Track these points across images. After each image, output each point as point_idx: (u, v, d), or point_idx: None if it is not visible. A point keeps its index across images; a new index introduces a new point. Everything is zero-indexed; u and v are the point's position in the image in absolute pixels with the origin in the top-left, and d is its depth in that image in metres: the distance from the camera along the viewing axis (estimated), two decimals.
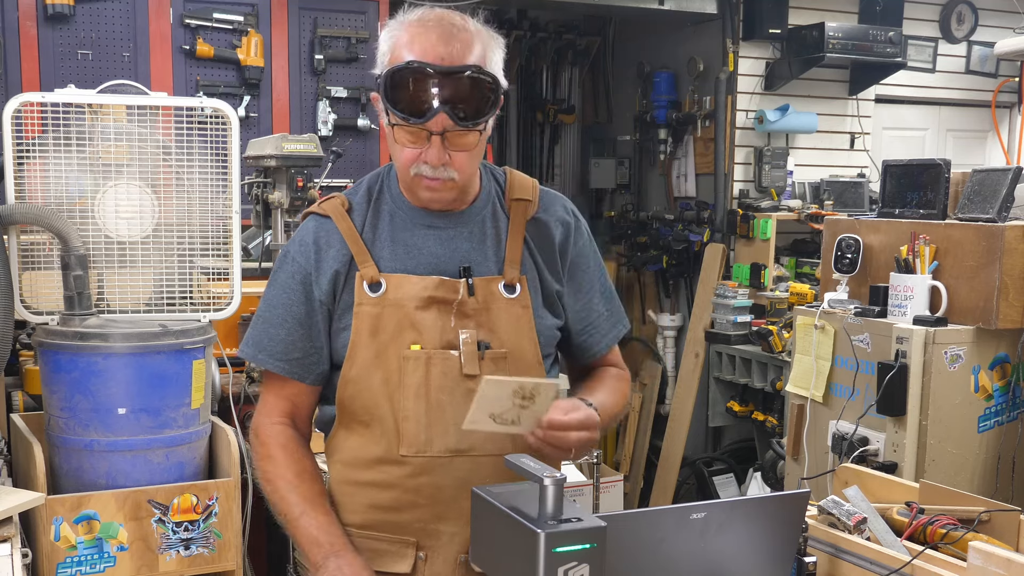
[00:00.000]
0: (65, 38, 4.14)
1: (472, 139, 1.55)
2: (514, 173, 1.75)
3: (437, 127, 1.52)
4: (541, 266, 1.70)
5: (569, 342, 1.78)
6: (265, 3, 4.43)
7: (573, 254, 1.74)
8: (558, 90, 6.34)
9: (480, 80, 1.51)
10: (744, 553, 1.53)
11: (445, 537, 1.66)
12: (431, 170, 1.56)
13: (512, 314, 1.66)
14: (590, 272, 1.77)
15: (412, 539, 1.66)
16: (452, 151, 1.55)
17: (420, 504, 1.65)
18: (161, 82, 4.22)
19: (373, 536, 1.67)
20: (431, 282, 1.62)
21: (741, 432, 5.21)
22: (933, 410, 2.87)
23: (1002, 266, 2.81)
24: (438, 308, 1.62)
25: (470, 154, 1.58)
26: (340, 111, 4.58)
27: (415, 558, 1.66)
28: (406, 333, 1.62)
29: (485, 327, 1.64)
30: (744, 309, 4.85)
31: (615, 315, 1.81)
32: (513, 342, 1.65)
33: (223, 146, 2.80)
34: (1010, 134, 5.96)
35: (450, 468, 1.63)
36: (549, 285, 1.70)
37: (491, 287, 1.65)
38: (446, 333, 1.62)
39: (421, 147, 1.54)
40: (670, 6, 5.03)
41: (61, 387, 2.59)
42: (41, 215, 2.65)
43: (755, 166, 5.17)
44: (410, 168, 1.57)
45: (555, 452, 1.53)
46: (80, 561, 2.51)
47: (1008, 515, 1.78)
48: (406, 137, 1.55)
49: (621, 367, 1.86)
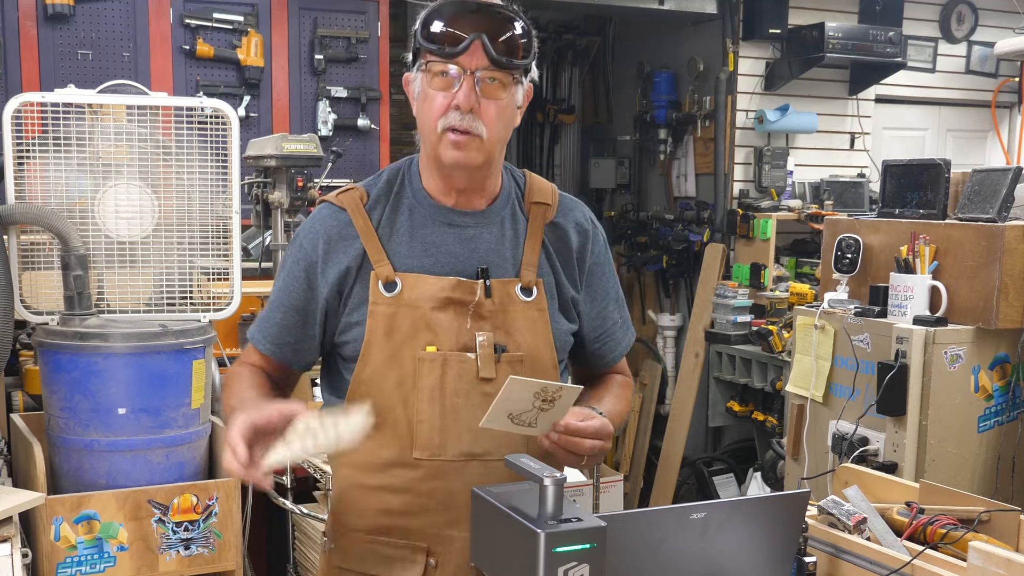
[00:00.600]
0: (65, 38, 4.14)
1: (503, 91, 1.54)
2: (534, 176, 1.73)
3: (471, 63, 1.51)
4: (558, 270, 1.68)
5: (583, 349, 1.76)
6: (265, 3, 4.43)
7: (591, 262, 1.72)
8: (558, 90, 6.33)
9: (516, 20, 1.54)
10: (744, 553, 1.53)
11: (457, 543, 1.63)
12: (459, 117, 1.52)
13: (529, 317, 1.63)
14: (606, 280, 1.76)
15: (423, 545, 1.63)
16: (482, 99, 1.53)
17: (432, 509, 1.62)
18: (161, 82, 4.22)
19: (383, 542, 1.65)
20: (448, 283, 1.60)
21: (741, 432, 5.21)
22: (933, 410, 2.87)
23: (1002, 266, 2.81)
24: (455, 309, 1.60)
25: (499, 111, 1.55)
26: (340, 111, 4.58)
27: (426, 564, 1.63)
28: (421, 334, 1.59)
29: (502, 330, 1.61)
30: (744, 309, 4.85)
31: (626, 323, 1.80)
32: (530, 345, 1.63)
33: (223, 146, 2.81)
34: (1010, 134, 5.96)
35: (463, 472, 1.61)
36: (565, 290, 1.69)
37: (508, 289, 1.63)
38: (462, 335, 1.60)
39: (451, 94, 1.53)
40: (670, 6, 5.03)
41: (61, 387, 2.60)
42: (41, 215, 2.65)
43: (755, 166, 5.17)
44: (439, 122, 1.54)
45: (568, 457, 1.52)
46: (80, 561, 2.52)
47: (1008, 515, 1.78)
48: (438, 82, 1.53)
49: (626, 374, 1.85)
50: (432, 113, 1.55)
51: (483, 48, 1.50)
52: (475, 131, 1.53)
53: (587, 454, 1.52)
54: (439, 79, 1.53)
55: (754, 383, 4.66)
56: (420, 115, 1.59)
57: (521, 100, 1.60)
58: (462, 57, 1.50)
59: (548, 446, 1.51)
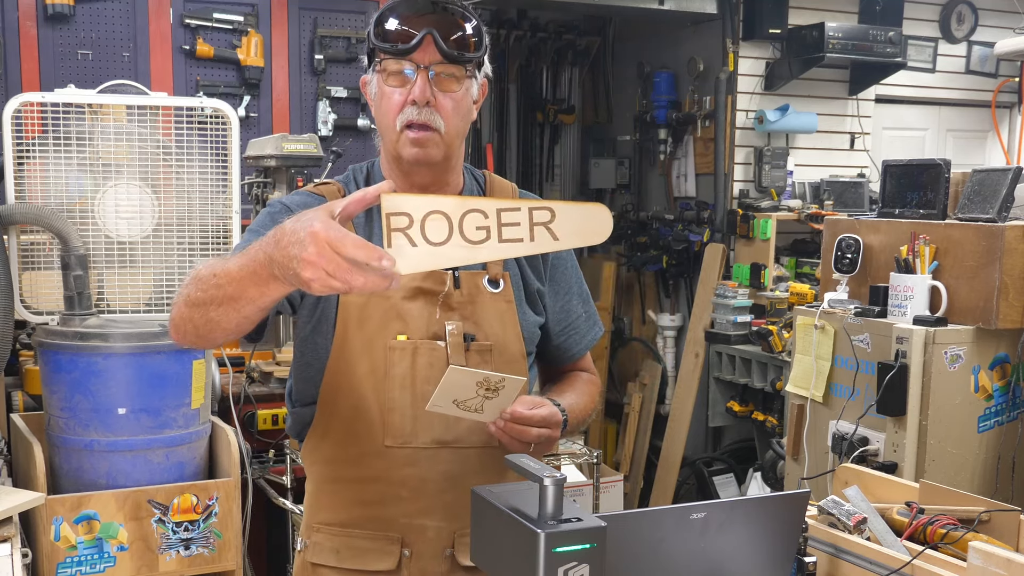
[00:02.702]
0: (65, 38, 4.14)
1: (456, 84, 1.58)
2: (494, 176, 1.79)
3: (424, 58, 1.54)
4: (523, 263, 1.72)
5: (548, 343, 1.79)
6: (265, 3, 4.43)
7: (553, 255, 1.77)
8: (558, 90, 6.33)
9: (466, 17, 1.58)
10: (744, 553, 1.53)
11: (431, 532, 1.65)
12: (416, 112, 1.55)
13: (496, 308, 1.67)
14: (568, 273, 1.80)
15: (397, 535, 1.65)
16: (438, 93, 1.56)
17: (404, 497, 1.64)
18: (161, 82, 4.22)
19: (357, 534, 1.66)
20: (419, 273, 1.62)
21: (741, 432, 5.21)
22: (933, 410, 2.87)
23: (1002, 266, 2.81)
24: (425, 299, 1.63)
25: (455, 104, 1.58)
26: (340, 111, 4.58)
27: (400, 555, 1.65)
28: (392, 324, 1.62)
29: (470, 320, 1.65)
30: (744, 309, 4.85)
31: (592, 318, 1.84)
32: (498, 335, 1.67)
33: (223, 146, 2.81)
34: (1010, 134, 5.96)
35: (435, 460, 1.64)
36: (531, 283, 1.73)
37: (476, 281, 1.66)
38: (432, 324, 1.63)
39: (407, 90, 1.56)
40: (670, 6, 5.03)
41: (61, 387, 2.60)
42: (41, 215, 2.65)
43: (755, 166, 5.17)
44: (396, 119, 1.57)
45: (514, 444, 1.55)
46: (80, 561, 2.52)
47: (1008, 515, 1.78)
48: (393, 80, 1.57)
49: (592, 372, 1.88)
50: (390, 110, 1.58)
51: (434, 43, 1.54)
52: (433, 124, 1.57)
53: (534, 442, 1.55)
54: (394, 77, 1.57)
55: (754, 383, 4.66)
56: (379, 114, 1.62)
57: (477, 94, 1.64)
58: (415, 53, 1.55)
59: (495, 431, 1.55)
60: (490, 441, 1.60)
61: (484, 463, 1.62)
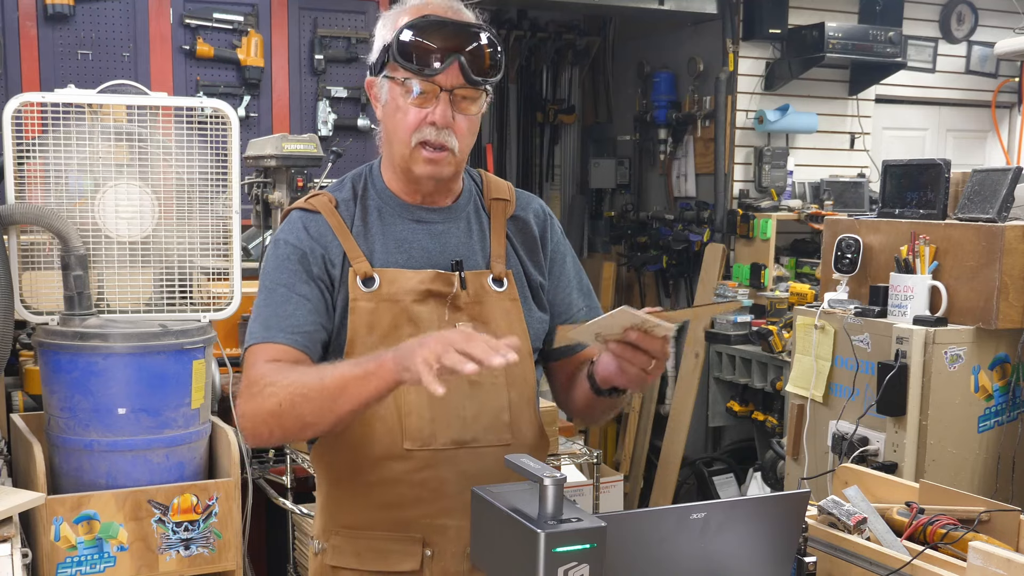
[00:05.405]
0: (65, 38, 4.14)
1: (476, 105, 1.59)
2: (489, 175, 1.79)
3: (448, 82, 1.54)
4: (525, 260, 1.73)
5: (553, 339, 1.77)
6: (265, 3, 4.43)
7: (551, 248, 1.78)
8: (558, 90, 6.34)
9: (490, 39, 1.57)
10: (744, 553, 1.53)
11: (451, 532, 1.65)
12: (435, 132, 1.56)
13: (502, 307, 1.68)
14: (567, 266, 1.80)
15: (418, 535, 1.65)
16: (456, 114, 1.57)
17: (425, 499, 1.64)
18: (161, 82, 4.22)
19: (379, 536, 1.66)
20: (427, 275, 1.64)
21: (741, 432, 5.21)
22: (933, 410, 2.87)
23: (1002, 266, 2.81)
24: (434, 301, 1.64)
25: (471, 125, 1.60)
26: (340, 111, 4.58)
27: (422, 555, 1.65)
28: (404, 327, 1.62)
29: (478, 320, 1.65)
30: (744, 309, 4.85)
31: (594, 312, 1.83)
32: (506, 334, 1.65)
33: (223, 146, 2.80)
34: (1010, 134, 5.96)
35: (454, 461, 1.64)
36: (534, 279, 1.74)
37: (481, 280, 1.67)
38: (443, 326, 1.63)
39: (427, 108, 1.56)
40: (670, 6, 5.04)
41: (61, 387, 2.59)
42: (41, 215, 2.65)
43: (755, 166, 5.17)
44: (412, 135, 1.58)
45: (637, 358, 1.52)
46: (80, 561, 2.52)
47: (1008, 515, 1.78)
48: (414, 99, 1.56)
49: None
50: (406, 126, 1.59)
51: (460, 69, 1.54)
52: (449, 146, 1.58)
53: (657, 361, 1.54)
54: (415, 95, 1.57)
55: (754, 383, 4.66)
56: (389, 123, 1.63)
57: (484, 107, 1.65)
58: (439, 76, 1.54)
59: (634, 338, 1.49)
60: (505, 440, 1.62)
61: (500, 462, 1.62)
